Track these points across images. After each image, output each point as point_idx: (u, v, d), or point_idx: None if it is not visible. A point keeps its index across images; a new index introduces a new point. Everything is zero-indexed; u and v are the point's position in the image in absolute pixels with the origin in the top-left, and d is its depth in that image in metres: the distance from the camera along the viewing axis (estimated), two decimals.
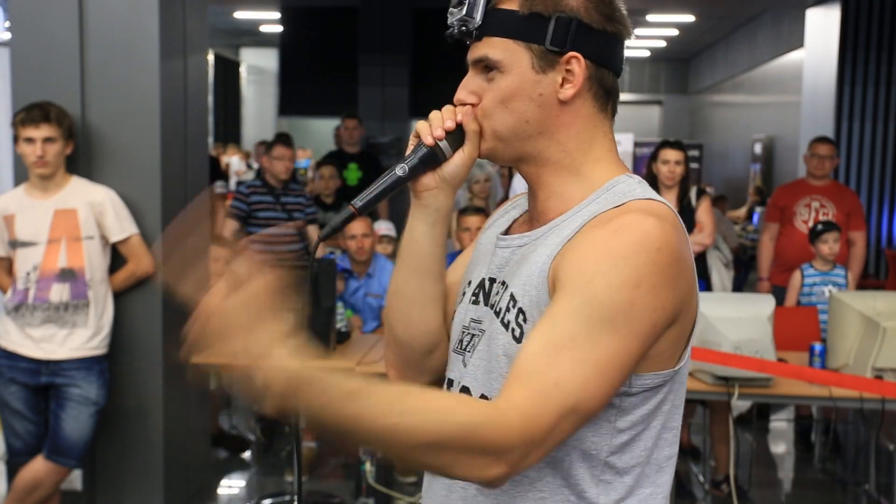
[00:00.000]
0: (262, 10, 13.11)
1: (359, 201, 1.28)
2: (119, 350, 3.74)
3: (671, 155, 4.95)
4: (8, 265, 3.54)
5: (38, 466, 3.46)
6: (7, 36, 3.94)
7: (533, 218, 1.31)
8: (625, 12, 1.25)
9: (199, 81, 4.19)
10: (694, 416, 5.05)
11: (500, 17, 1.23)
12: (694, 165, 16.45)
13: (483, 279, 1.32)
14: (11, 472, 3.66)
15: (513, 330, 1.22)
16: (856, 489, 4.56)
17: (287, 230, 5.35)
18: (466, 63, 1.30)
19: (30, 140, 3.42)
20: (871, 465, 4.31)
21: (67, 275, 3.47)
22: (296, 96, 10.65)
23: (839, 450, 5.16)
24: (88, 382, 3.50)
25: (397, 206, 7.42)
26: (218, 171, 8.93)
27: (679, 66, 20.51)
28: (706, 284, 4.93)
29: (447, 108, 1.31)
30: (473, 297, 1.33)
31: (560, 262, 1.18)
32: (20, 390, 3.49)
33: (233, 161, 13.80)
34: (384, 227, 5.67)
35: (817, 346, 3.90)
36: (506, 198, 5.60)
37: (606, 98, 1.26)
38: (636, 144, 18.81)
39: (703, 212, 4.97)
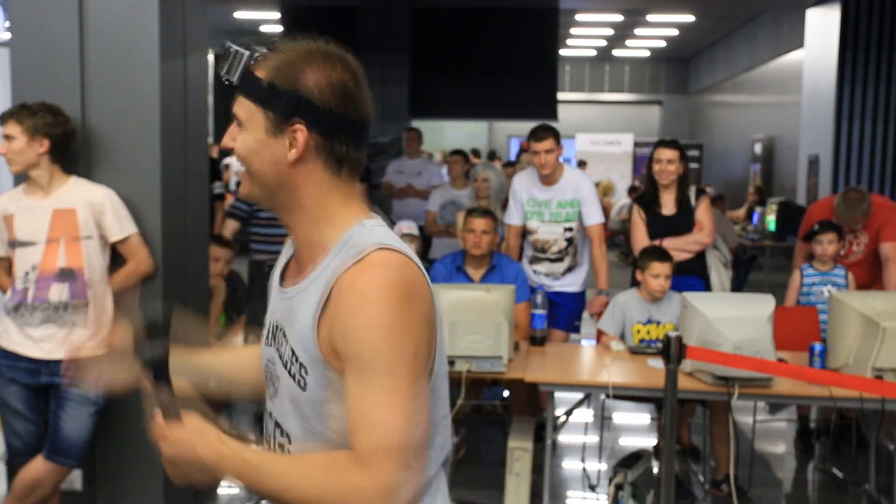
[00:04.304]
0: (262, 10, 13.12)
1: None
2: None
3: (663, 154, 4.98)
4: (7, 265, 3.54)
5: (37, 466, 3.46)
6: (7, 36, 3.94)
7: (298, 263, 1.52)
8: (364, 97, 1.45)
9: (199, 81, 4.19)
10: (694, 416, 5.05)
11: (250, 81, 1.44)
12: (694, 165, 16.45)
13: (272, 324, 1.53)
14: (11, 472, 3.65)
15: (298, 381, 1.44)
16: (856, 489, 4.56)
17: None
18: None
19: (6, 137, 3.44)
20: (871, 465, 4.31)
21: (67, 274, 3.46)
22: None
23: (839, 450, 5.15)
24: None
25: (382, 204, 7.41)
26: (218, 172, 8.90)
27: (679, 66, 20.52)
28: (705, 284, 4.93)
29: None
30: (266, 340, 1.55)
31: (330, 332, 1.38)
32: (20, 390, 3.49)
33: (233, 162, 13.77)
34: (405, 225, 5.64)
35: (817, 346, 3.90)
36: (505, 200, 5.59)
37: (339, 164, 1.45)
38: (636, 144, 18.79)
39: (702, 211, 4.98)
